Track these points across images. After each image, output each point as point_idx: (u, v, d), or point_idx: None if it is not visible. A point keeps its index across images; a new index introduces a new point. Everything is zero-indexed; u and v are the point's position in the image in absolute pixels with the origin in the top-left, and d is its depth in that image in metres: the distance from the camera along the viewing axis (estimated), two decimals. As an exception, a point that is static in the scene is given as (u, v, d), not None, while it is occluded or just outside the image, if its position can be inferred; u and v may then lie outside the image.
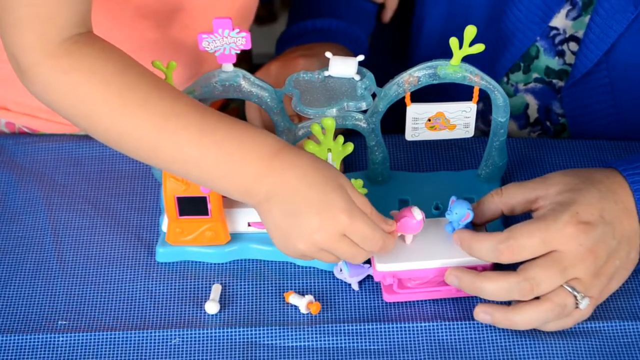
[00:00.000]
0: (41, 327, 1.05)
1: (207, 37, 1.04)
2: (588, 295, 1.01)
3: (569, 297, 1.00)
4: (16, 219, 1.16)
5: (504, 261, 1.01)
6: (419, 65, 1.07)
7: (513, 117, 1.33)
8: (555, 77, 1.29)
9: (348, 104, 1.06)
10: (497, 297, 1.01)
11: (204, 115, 0.99)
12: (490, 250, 1.01)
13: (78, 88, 0.98)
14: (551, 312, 1.00)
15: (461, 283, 1.02)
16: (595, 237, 1.00)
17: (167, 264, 1.11)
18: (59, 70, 0.98)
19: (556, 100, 1.31)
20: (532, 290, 1.00)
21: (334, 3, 1.36)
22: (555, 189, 1.03)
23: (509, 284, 1.00)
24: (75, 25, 0.99)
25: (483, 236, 1.01)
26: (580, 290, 1.00)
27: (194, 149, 0.98)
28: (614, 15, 1.19)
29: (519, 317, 1.01)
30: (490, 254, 1.01)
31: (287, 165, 0.98)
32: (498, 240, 1.00)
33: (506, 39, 1.27)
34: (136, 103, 0.98)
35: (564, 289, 1.00)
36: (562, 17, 1.25)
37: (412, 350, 1.03)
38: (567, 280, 1.00)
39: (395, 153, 1.22)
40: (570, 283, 1.00)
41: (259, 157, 0.98)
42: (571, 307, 1.01)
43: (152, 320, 1.06)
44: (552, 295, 1.00)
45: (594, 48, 1.22)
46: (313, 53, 1.25)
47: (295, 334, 1.05)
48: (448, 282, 1.04)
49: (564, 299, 1.00)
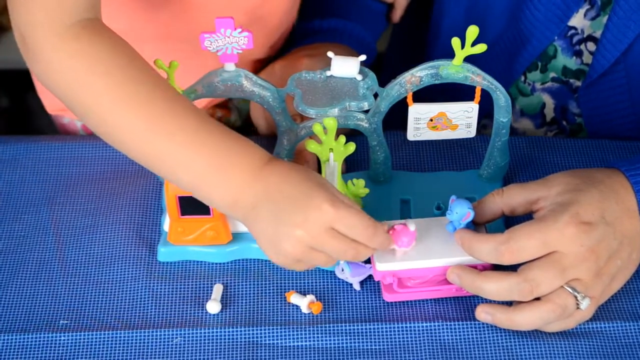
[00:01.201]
0: (43, 327, 1.05)
1: (209, 36, 1.03)
2: (589, 296, 1.01)
3: (570, 298, 1.00)
4: (18, 218, 1.16)
5: (504, 262, 1.01)
6: (421, 65, 1.07)
7: (529, 116, 1.33)
8: (573, 76, 1.29)
9: (350, 103, 1.06)
10: (498, 297, 1.01)
11: (200, 121, 0.99)
12: (490, 252, 1.01)
13: (81, 73, 0.98)
14: (552, 313, 1.00)
15: (462, 281, 1.02)
16: (597, 237, 1.00)
17: (168, 264, 1.11)
18: (65, 52, 0.97)
19: (573, 99, 1.31)
20: (532, 291, 1.00)
21: (342, 3, 1.36)
22: (556, 189, 1.03)
23: (509, 284, 1.00)
24: (85, 9, 0.99)
25: (484, 237, 1.01)
26: (580, 290, 1.00)
27: (186, 153, 0.98)
28: (631, 15, 1.19)
29: (520, 318, 1.01)
30: (490, 255, 1.01)
31: (271, 173, 0.99)
32: (499, 242, 1.00)
33: (524, 38, 1.27)
34: (138, 98, 0.98)
35: (565, 289, 1.00)
36: (580, 17, 1.24)
37: (413, 350, 1.03)
38: (568, 281, 1.00)
39: (397, 153, 1.22)
40: (570, 284, 1.00)
41: (248, 167, 0.99)
42: (572, 307, 1.01)
43: (153, 320, 1.06)
44: (553, 296, 1.00)
45: (611, 48, 1.22)
46: (318, 53, 1.25)
47: (297, 334, 1.05)
48: (449, 280, 1.04)
49: (564, 300, 1.00)
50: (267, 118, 1.26)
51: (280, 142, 1.13)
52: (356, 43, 1.32)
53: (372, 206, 1.13)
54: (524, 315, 1.01)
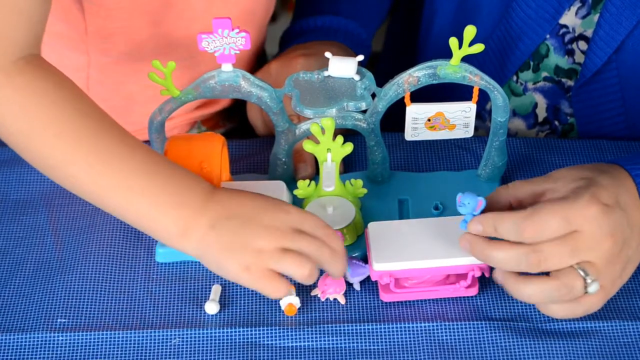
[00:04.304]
0: (41, 327, 1.05)
1: (207, 37, 1.03)
2: (599, 282, 0.99)
3: (578, 279, 0.99)
4: (16, 219, 1.16)
5: (526, 239, 0.99)
6: (419, 65, 1.07)
7: (522, 116, 1.33)
8: (565, 76, 1.29)
9: (348, 104, 1.06)
10: (506, 265, 1.00)
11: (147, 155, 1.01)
12: (510, 228, 0.99)
13: (27, 106, 0.98)
14: (557, 290, 0.99)
15: (472, 249, 1.01)
16: (614, 221, 0.99)
17: (166, 264, 1.11)
18: (10, 87, 0.98)
19: (565, 99, 1.31)
20: (540, 262, 0.98)
21: None
22: (563, 181, 1.02)
23: (517, 253, 0.99)
24: (30, 45, 1.00)
25: (504, 213, 1.00)
26: (591, 273, 0.99)
27: (140, 178, 0.99)
28: (623, 12, 1.19)
29: (524, 287, 1.00)
30: (511, 231, 0.99)
31: (224, 196, 1.01)
32: (521, 217, 0.99)
33: (515, 36, 1.26)
34: (88, 132, 0.99)
35: (574, 269, 0.99)
36: (572, 15, 1.24)
37: (412, 350, 1.03)
38: (580, 262, 0.99)
39: (395, 153, 1.22)
40: (582, 265, 0.99)
41: (196, 197, 1.00)
42: (579, 290, 0.99)
43: (152, 320, 1.06)
44: (561, 274, 0.99)
45: (603, 45, 1.21)
46: (312, 52, 1.24)
47: (295, 334, 1.05)
48: (461, 246, 1.02)
49: (572, 280, 0.99)
50: (265, 118, 1.26)
51: (278, 143, 1.13)
52: (351, 40, 1.32)
53: (370, 206, 1.13)
54: (529, 286, 0.99)
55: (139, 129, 1.17)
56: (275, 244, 0.99)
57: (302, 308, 1.07)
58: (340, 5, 1.35)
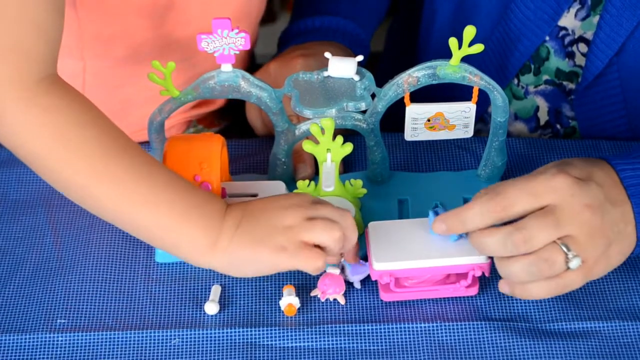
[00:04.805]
0: (41, 327, 1.05)
1: (206, 37, 1.03)
2: (581, 258, 0.99)
3: (559, 254, 0.98)
4: (16, 219, 1.16)
5: (497, 219, 0.99)
6: (419, 66, 1.07)
7: (523, 119, 1.33)
8: (566, 79, 1.29)
9: (347, 104, 1.06)
10: (495, 251, 1.00)
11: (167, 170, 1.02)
12: (477, 214, 1.00)
13: (56, 126, 0.97)
14: (535, 266, 0.98)
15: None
16: (588, 192, 0.99)
17: (166, 265, 1.11)
18: (38, 107, 0.97)
19: (566, 102, 1.30)
20: (525, 240, 0.98)
21: None
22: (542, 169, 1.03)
23: (502, 234, 0.98)
24: (51, 64, 0.99)
25: (469, 203, 1.01)
26: (573, 248, 0.98)
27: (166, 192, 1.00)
28: (623, 13, 1.18)
29: (507, 266, 1.00)
30: (479, 216, 1.00)
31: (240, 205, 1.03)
32: (485, 200, 0.99)
33: (515, 38, 1.26)
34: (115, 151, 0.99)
35: (556, 244, 0.98)
36: (571, 17, 1.24)
37: (412, 350, 1.03)
38: (562, 237, 0.98)
39: (394, 153, 1.22)
40: (564, 240, 0.98)
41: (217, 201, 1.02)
42: (560, 265, 0.98)
43: (151, 321, 1.06)
44: (542, 250, 0.98)
45: (604, 48, 1.21)
46: (311, 52, 1.24)
47: (295, 335, 1.05)
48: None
49: (553, 255, 0.98)
50: (264, 119, 1.26)
51: (278, 143, 1.13)
52: (350, 41, 1.32)
53: (370, 206, 1.13)
54: (511, 265, 0.99)
55: (136, 131, 1.17)
56: (301, 215, 1.01)
57: (302, 308, 1.07)
58: (339, 6, 1.35)
